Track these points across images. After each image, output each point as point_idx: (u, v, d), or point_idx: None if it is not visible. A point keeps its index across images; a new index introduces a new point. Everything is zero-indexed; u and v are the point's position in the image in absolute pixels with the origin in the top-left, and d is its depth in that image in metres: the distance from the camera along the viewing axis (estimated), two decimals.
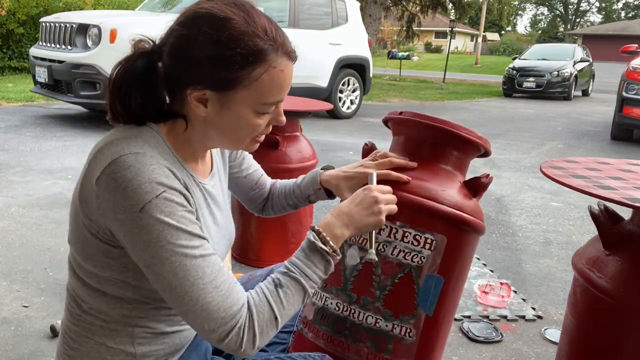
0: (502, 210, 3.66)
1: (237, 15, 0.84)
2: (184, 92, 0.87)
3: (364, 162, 1.16)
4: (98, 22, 5.41)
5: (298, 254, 0.94)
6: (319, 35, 7.20)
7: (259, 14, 0.87)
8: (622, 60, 8.55)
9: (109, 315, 0.92)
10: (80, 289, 0.94)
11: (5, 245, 2.59)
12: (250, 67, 0.84)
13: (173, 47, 0.86)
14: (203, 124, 0.90)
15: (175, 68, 0.86)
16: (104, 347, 0.94)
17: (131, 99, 0.88)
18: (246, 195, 1.27)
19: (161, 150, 0.87)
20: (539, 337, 2.03)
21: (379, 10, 13.43)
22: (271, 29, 0.87)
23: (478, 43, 30.28)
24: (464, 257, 1.14)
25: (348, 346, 1.10)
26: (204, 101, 0.87)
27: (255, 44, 0.84)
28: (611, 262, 1.22)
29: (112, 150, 0.84)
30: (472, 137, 1.15)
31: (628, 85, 6.60)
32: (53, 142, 4.87)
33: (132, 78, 0.88)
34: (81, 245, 0.90)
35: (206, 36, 0.83)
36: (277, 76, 0.87)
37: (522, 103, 11.90)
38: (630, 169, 1.37)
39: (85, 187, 0.85)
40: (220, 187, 1.07)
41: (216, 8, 0.85)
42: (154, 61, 0.88)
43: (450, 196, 1.10)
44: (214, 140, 0.94)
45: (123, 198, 0.80)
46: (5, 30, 10.30)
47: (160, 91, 0.89)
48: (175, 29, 0.87)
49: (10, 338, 1.82)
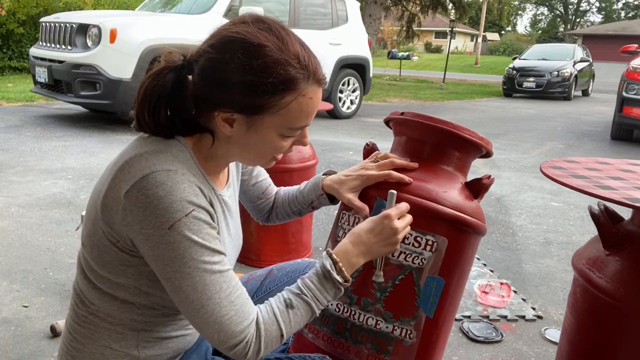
0: (502, 210, 3.66)
1: (271, 42, 0.84)
2: (212, 112, 0.88)
3: (365, 164, 1.16)
4: (98, 22, 5.41)
5: (312, 277, 0.96)
6: (319, 35, 7.20)
7: (292, 40, 0.87)
8: (622, 60, 8.55)
9: (117, 318, 0.93)
10: (90, 291, 0.94)
11: (5, 245, 2.58)
12: (280, 95, 0.85)
13: (205, 69, 0.86)
14: (227, 141, 0.92)
15: (206, 89, 0.87)
16: (109, 350, 0.94)
17: (160, 112, 0.89)
18: (253, 204, 1.27)
19: (189, 166, 0.89)
20: (539, 337, 2.03)
21: (379, 10, 13.43)
22: (304, 57, 0.87)
23: (478, 43, 30.27)
24: (465, 259, 1.14)
25: (348, 347, 1.09)
26: (231, 122, 0.88)
27: (287, 73, 0.84)
28: (611, 262, 1.21)
29: (143, 164, 0.84)
30: (474, 138, 1.14)
31: (628, 85, 6.60)
32: (53, 142, 4.87)
33: (162, 91, 0.88)
34: (98, 252, 0.90)
35: (239, 62, 0.83)
36: (306, 104, 0.88)
37: (522, 103, 11.90)
38: (630, 169, 1.37)
39: (110, 197, 0.86)
40: (234, 197, 1.08)
41: (250, 34, 0.84)
42: (184, 75, 0.89)
43: (452, 197, 1.10)
44: (236, 156, 0.96)
45: (153, 215, 0.82)
46: (5, 30, 10.30)
47: (189, 105, 0.90)
48: (207, 51, 0.87)
49: (10, 338, 1.82)
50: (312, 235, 2.58)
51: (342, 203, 1.20)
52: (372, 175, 1.12)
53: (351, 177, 1.14)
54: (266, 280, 1.25)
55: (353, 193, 1.13)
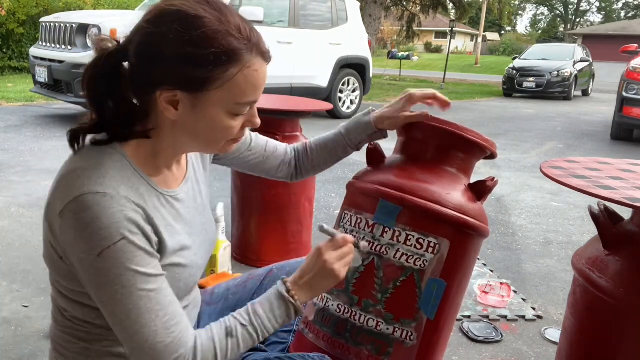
0: (502, 210, 3.66)
1: (210, 14, 0.81)
2: (153, 95, 0.82)
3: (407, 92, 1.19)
4: (98, 22, 5.41)
5: (263, 304, 0.93)
6: (319, 35, 7.20)
7: (232, 12, 0.84)
8: (622, 60, 8.54)
9: (92, 323, 0.91)
10: (61, 299, 0.93)
11: (5, 245, 2.58)
12: (224, 67, 0.81)
13: (141, 46, 0.82)
14: (172, 129, 0.87)
15: (144, 68, 0.82)
16: (92, 351, 0.93)
17: (104, 106, 0.85)
18: (265, 169, 1.24)
19: (127, 177, 0.84)
20: (539, 337, 2.03)
21: (379, 10, 13.42)
22: (245, 28, 0.83)
23: (478, 43, 30.29)
24: (467, 262, 1.13)
25: (348, 348, 1.09)
26: (175, 103, 0.83)
27: (229, 44, 0.81)
28: (611, 262, 1.21)
29: (74, 183, 0.81)
30: (479, 140, 1.14)
31: (628, 85, 6.59)
32: (53, 142, 4.87)
33: (99, 81, 0.84)
34: (53, 265, 0.89)
35: (177, 34, 0.79)
36: (252, 76, 0.84)
37: (522, 103, 11.89)
38: (630, 169, 1.37)
39: (50, 212, 0.84)
40: (197, 191, 1.03)
41: (187, 5, 0.81)
42: (119, 61, 0.84)
43: (455, 199, 1.09)
44: (185, 144, 0.90)
45: (83, 240, 0.79)
46: (5, 30, 10.30)
47: (127, 93, 0.85)
48: (142, 27, 0.82)
49: (10, 338, 1.82)
50: (312, 235, 2.58)
51: (345, 202, 1.20)
52: (416, 93, 1.16)
53: (398, 101, 1.18)
54: (266, 280, 1.25)
55: (404, 112, 1.16)
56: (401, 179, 1.12)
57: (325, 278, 0.95)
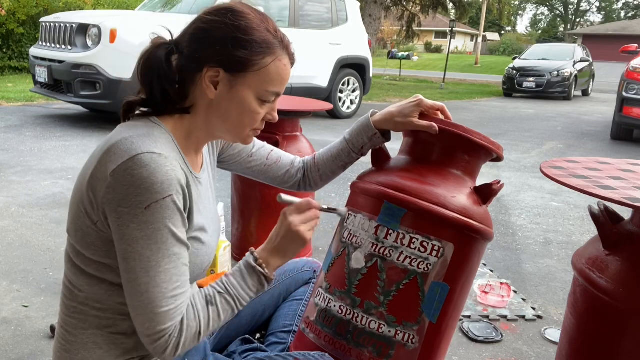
0: (502, 210, 3.66)
1: (254, 14, 0.97)
2: (199, 73, 0.94)
3: (417, 98, 1.19)
4: (98, 22, 5.41)
5: (235, 274, 1.00)
6: (319, 35, 7.20)
7: (270, 19, 1.00)
8: (622, 60, 8.55)
9: (105, 304, 0.95)
10: (78, 278, 0.96)
11: (5, 245, 2.58)
12: (261, 55, 0.95)
13: (197, 31, 0.96)
14: (207, 109, 0.98)
15: (197, 48, 0.95)
16: (101, 337, 0.96)
17: (154, 87, 0.96)
18: (267, 175, 1.28)
19: (171, 148, 0.93)
20: (539, 337, 2.03)
21: (379, 10, 13.42)
22: (279, 31, 0.99)
23: (478, 43, 30.27)
24: (471, 265, 1.13)
25: (350, 350, 1.09)
26: (216, 83, 0.95)
27: (268, 37, 0.96)
28: (611, 262, 1.22)
29: (129, 147, 0.88)
30: (486, 143, 1.13)
31: (628, 85, 6.59)
32: (53, 142, 4.87)
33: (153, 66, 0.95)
34: (81, 234, 0.93)
35: (228, 22, 0.94)
36: (281, 69, 0.98)
37: (522, 103, 11.90)
38: (630, 169, 1.37)
39: (96, 177, 0.89)
40: (209, 183, 1.11)
41: (237, 4, 0.97)
42: (170, 51, 0.96)
43: (460, 203, 1.08)
44: (216, 127, 1.00)
45: (135, 194, 0.85)
46: (5, 30, 10.30)
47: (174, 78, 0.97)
48: (200, 18, 0.97)
49: (10, 338, 1.82)
50: None
51: (348, 202, 1.19)
52: (426, 102, 1.15)
53: (406, 105, 1.16)
54: None
55: (411, 118, 1.14)
56: (406, 181, 1.11)
57: (292, 241, 1.02)
